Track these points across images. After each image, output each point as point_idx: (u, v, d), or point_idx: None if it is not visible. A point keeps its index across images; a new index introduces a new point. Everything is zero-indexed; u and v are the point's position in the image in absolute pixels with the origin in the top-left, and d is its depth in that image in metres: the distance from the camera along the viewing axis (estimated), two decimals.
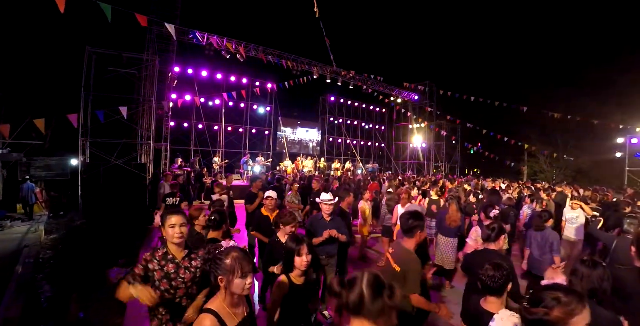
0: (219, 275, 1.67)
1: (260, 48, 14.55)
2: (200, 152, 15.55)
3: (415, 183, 10.79)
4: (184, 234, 2.30)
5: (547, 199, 7.87)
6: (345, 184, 9.94)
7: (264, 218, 4.64)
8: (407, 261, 2.59)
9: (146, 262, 2.19)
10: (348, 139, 23.88)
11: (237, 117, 18.85)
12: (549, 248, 4.37)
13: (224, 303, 1.70)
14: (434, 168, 25.00)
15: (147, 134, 11.15)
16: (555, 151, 24.64)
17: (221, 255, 1.70)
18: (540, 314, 1.33)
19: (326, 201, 4.21)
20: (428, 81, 23.47)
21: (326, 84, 18.37)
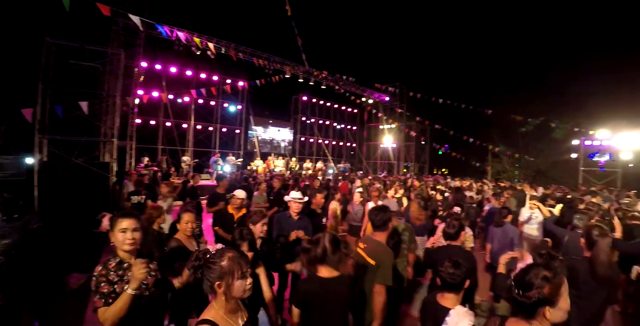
0: (215, 281, 1.53)
1: (232, 45, 14.23)
2: (168, 152, 15.03)
3: (385, 182, 10.98)
4: (136, 240, 2.07)
5: (507, 197, 8.23)
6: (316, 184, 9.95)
7: (229, 216, 4.57)
8: (381, 254, 2.64)
9: (105, 277, 1.94)
10: (320, 139, 23.89)
11: (207, 116, 18.35)
12: (509, 242, 4.60)
13: (222, 311, 1.56)
14: (404, 167, 25.50)
15: (111, 131, 10.60)
16: (517, 151, 25.88)
17: (214, 259, 1.57)
18: (537, 296, 1.41)
19: (296, 199, 4.11)
20: (399, 83, 23.92)
21: (299, 83, 18.30)
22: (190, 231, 3.22)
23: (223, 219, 4.61)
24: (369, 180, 11.88)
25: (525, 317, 1.45)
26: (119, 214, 2.12)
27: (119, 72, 10.10)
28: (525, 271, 1.49)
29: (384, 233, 2.81)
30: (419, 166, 26.83)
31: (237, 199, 4.65)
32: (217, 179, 6.92)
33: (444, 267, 2.10)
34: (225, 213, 4.63)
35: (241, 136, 19.86)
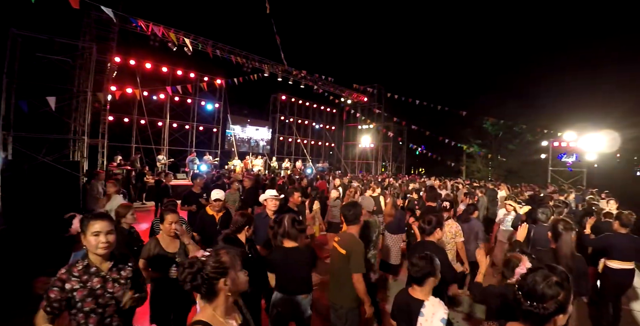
0: (220, 278, 1.46)
1: (210, 42, 13.95)
2: (142, 150, 14.55)
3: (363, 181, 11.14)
4: (110, 243, 1.95)
5: (480, 195, 8.49)
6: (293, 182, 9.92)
7: (209, 217, 4.28)
8: (351, 244, 2.87)
9: (62, 282, 1.82)
10: (299, 138, 23.82)
11: (184, 114, 17.88)
12: (474, 236, 4.91)
13: (217, 312, 1.49)
14: (382, 167, 25.80)
15: (82, 129, 10.17)
16: (490, 152, 26.68)
17: (211, 258, 1.49)
18: (555, 305, 1.32)
19: (273, 196, 4.05)
20: (377, 84, 24.15)
21: (277, 83, 18.16)
22: (174, 232, 3.09)
23: (203, 221, 4.33)
24: (347, 179, 11.97)
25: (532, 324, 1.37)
26: (91, 216, 1.98)
27: (90, 67, 9.71)
28: (533, 279, 1.38)
29: (356, 226, 3.03)
30: (397, 165, 27.22)
31: (216, 201, 4.38)
32: (192, 178, 6.71)
33: (412, 259, 2.19)
34: (205, 215, 4.37)
35: (218, 135, 19.51)
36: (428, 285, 2.12)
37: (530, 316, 1.35)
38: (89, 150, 10.90)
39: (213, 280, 1.45)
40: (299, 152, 24.33)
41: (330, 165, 24.91)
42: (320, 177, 13.28)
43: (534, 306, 1.32)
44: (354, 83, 23.00)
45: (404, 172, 27.02)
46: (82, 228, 1.95)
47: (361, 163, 26.32)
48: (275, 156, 22.00)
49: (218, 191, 4.43)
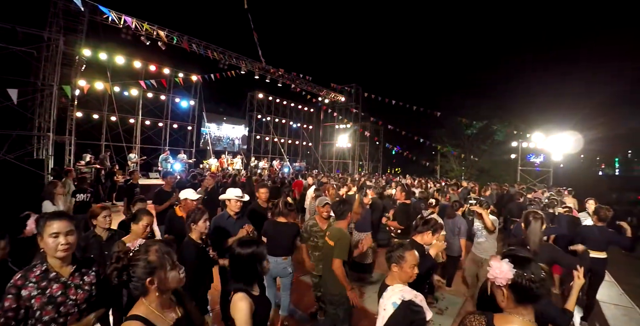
0: (146, 278, 1.40)
1: (185, 37, 13.53)
2: (112, 148, 13.93)
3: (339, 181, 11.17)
4: (71, 245, 1.79)
5: (453, 193, 8.73)
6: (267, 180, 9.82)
7: (177, 219, 4.05)
8: (339, 236, 3.17)
9: (17, 289, 1.64)
10: (276, 137, 23.60)
11: (157, 111, 17.26)
12: (457, 232, 5.12)
13: (152, 306, 1.43)
14: (359, 167, 25.98)
15: (47, 125, 9.63)
16: (463, 152, 27.40)
17: (139, 255, 1.43)
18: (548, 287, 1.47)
19: (237, 197, 3.89)
20: (355, 84, 24.29)
21: (254, 80, 17.88)
22: (145, 235, 2.95)
23: (172, 222, 4.06)
24: (326, 179, 11.95)
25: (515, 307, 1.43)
26: (48, 216, 1.81)
27: (56, 60, 9.19)
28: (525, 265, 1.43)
29: (343, 221, 3.37)
30: (373, 165, 27.49)
31: (189, 201, 4.12)
32: (162, 176, 6.41)
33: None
34: (174, 216, 4.09)
35: (193, 133, 19.00)
36: (392, 272, 2.26)
37: (536, 298, 1.42)
38: (54, 147, 10.33)
39: (139, 279, 1.41)
40: (276, 151, 24.11)
41: (307, 164, 24.87)
42: (296, 176, 13.21)
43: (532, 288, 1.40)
44: (332, 82, 23.08)
45: (381, 171, 27.35)
46: (39, 229, 1.79)
47: (338, 163, 26.40)
48: (252, 155, 21.70)
49: (188, 190, 4.22)
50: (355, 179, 12.96)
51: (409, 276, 2.21)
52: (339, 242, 3.13)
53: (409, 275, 2.21)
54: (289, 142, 25.72)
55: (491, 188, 11.48)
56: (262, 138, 24.11)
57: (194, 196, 4.20)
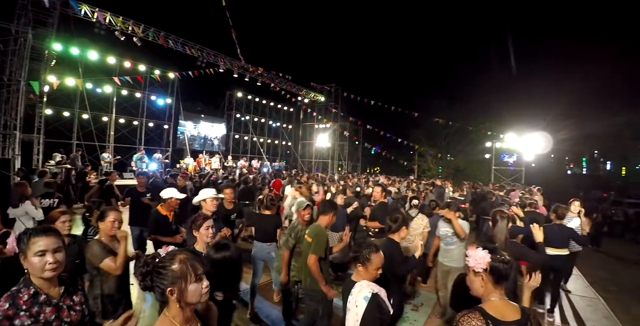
0: (167, 287, 1.33)
1: (162, 33, 13.17)
2: (84, 147, 13.39)
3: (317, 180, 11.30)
4: (60, 263, 1.61)
5: (427, 191, 8.92)
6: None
7: (162, 218, 4.06)
8: (316, 232, 3.26)
9: (9, 320, 1.46)
10: (255, 137, 23.36)
11: (132, 108, 16.69)
12: (434, 230, 5.01)
13: (176, 321, 1.34)
14: (338, 166, 26.09)
15: (14, 123, 9.15)
16: (440, 151, 28.01)
17: (165, 262, 1.35)
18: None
19: (212, 196, 3.84)
20: (334, 84, 24.38)
21: (233, 79, 17.63)
22: (115, 231, 2.80)
23: (157, 222, 4.04)
24: (306, 178, 11.97)
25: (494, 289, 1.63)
26: (32, 232, 1.61)
27: (25, 54, 8.74)
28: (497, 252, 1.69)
29: (325, 217, 3.44)
30: (353, 164, 27.68)
31: (174, 201, 4.15)
32: (136, 176, 6.23)
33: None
34: (158, 215, 4.08)
35: (170, 131, 18.51)
36: (357, 270, 2.32)
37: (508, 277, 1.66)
38: (21, 147, 9.84)
39: (160, 286, 1.34)
40: (255, 151, 23.85)
41: (286, 164, 24.77)
42: (275, 175, 13.13)
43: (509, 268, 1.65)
44: (312, 82, 23.06)
45: (360, 171, 27.57)
46: (22, 247, 1.60)
47: (318, 162, 26.42)
48: (231, 154, 21.38)
49: (172, 189, 4.21)
50: (334, 180, 13.03)
51: (373, 277, 2.28)
52: (316, 238, 3.22)
53: (372, 276, 2.28)
54: (268, 142, 25.53)
55: (466, 188, 11.80)
56: (241, 137, 23.82)
57: (180, 195, 4.17)
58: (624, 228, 14.21)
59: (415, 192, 8.78)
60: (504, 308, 1.59)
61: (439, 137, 27.71)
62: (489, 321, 1.53)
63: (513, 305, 1.61)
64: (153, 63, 15.35)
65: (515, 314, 1.57)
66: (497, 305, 1.59)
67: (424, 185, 12.66)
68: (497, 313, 1.56)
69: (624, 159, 30.65)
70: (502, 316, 1.55)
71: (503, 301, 1.61)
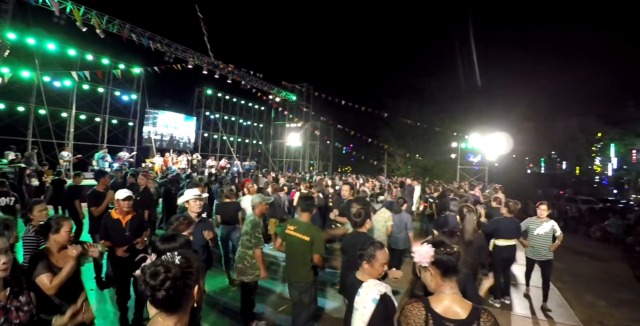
0: (192, 289, 1.23)
1: (128, 25, 12.59)
2: (40, 145, 12.57)
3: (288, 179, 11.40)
4: (8, 265, 1.56)
5: (396, 190, 9.16)
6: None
7: (114, 222, 3.67)
8: (313, 231, 3.39)
9: None
10: (225, 135, 22.91)
11: (94, 104, 15.83)
12: (404, 226, 5.48)
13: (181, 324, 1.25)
14: (310, 166, 26.09)
15: None
16: (408, 151, 28.71)
17: (185, 262, 1.23)
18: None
19: (195, 196, 3.71)
20: (306, 83, 24.37)
21: (203, 76, 17.22)
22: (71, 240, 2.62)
23: (106, 227, 3.66)
24: (272, 177, 11.95)
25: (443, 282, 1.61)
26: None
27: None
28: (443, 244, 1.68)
29: (308, 214, 3.58)
30: (324, 164, 27.77)
31: (123, 203, 3.69)
32: (95, 175, 5.81)
33: (363, 246, 2.40)
34: (109, 220, 3.70)
35: (135, 129, 17.74)
36: (363, 268, 2.33)
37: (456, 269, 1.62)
38: None
39: (187, 289, 1.21)
40: (225, 149, 23.36)
41: (257, 163, 24.48)
42: (244, 174, 13.01)
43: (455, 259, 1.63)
44: (283, 81, 22.92)
45: (331, 170, 27.73)
46: None
47: (289, 161, 26.29)
48: (199, 153, 20.81)
49: (122, 191, 3.78)
50: (304, 178, 13.05)
51: (379, 273, 2.32)
52: (317, 239, 3.36)
53: (378, 272, 2.31)
54: (238, 141, 25.11)
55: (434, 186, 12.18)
56: (211, 136, 23.27)
57: (122, 195, 3.70)
58: (577, 222, 15.15)
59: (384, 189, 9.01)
60: (451, 303, 1.55)
61: (408, 137, 28.42)
62: (429, 315, 1.53)
63: (464, 303, 1.56)
64: (118, 57, 14.68)
65: (462, 312, 1.52)
66: (443, 299, 1.57)
67: (392, 183, 13.04)
68: (441, 307, 1.54)
69: (578, 159, 32.76)
70: (444, 312, 1.53)
71: (453, 296, 1.57)
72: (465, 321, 1.49)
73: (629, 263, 9.04)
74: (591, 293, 6.25)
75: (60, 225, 2.57)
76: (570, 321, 4.64)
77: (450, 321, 1.50)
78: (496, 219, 5.21)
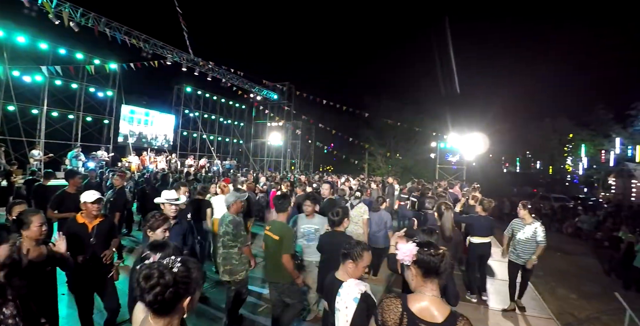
0: (185, 298, 1.20)
1: (103, 19, 12.19)
2: (9, 143, 12.04)
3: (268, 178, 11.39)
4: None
5: (376, 189, 9.31)
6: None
7: (79, 227, 3.31)
8: (283, 230, 3.40)
9: None
10: (205, 134, 22.55)
11: (67, 101, 15.16)
12: (384, 225, 5.57)
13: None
14: (291, 165, 26.01)
15: None
16: (389, 151, 29.04)
17: (184, 269, 1.20)
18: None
19: (171, 200, 3.62)
20: (288, 82, 24.28)
21: (182, 73, 16.90)
22: (44, 235, 2.56)
23: (69, 232, 3.21)
24: (252, 176, 11.91)
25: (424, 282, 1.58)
26: None
27: None
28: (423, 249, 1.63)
29: (284, 214, 3.60)
30: (305, 163, 27.74)
31: (91, 206, 3.36)
32: (66, 175, 5.30)
33: (347, 245, 2.39)
34: (73, 224, 3.34)
35: (111, 127, 17.20)
36: (346, 267, 2.30)
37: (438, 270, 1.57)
38: None
39: (179, 297, 1.18)
40: (204, 148, 22.99)
41: (238, 163, 24.20)
42: (223, 173, 12.88)
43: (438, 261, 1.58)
44: (264, 79, 22.75)
45: (312, 169, 27.72)
46: None
47: (270, 161, 26.13)
48: (178, 152, 20.40)
49: (89, 193, 3.44)
50: (285, 178, 13.05)
51: (360, 274, 2.32)
52: (285, 238, 3.34)
53: (360, 273, 2.32)
54: (218, 140, 24.77)
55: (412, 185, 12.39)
56: (190, 134, 22.83)
57: (91, 197, 3.36)
58: (550, 219, 15.70)
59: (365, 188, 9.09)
60: (430, 304, 1.52)
61: (389, 137, 28.72)
62: (404, 313, 1.52)
63: (442, 307, 1.52)
64: (93, 52, 14.20)
65: (438, 316, 1.49)
66: (422, 300, 1.54)
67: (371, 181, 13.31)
68: (418, 307, 1.52)
69: (551, 159, 33.97)
70: (420, 313, 1.50)
71: (432, 298, 1.54)
72: (441, 325, 1.46)
73: (598, 258, 9.45)
74: (563, 287, 6.51)
75: (29, 220, 2.49)
76: (544, 314, 4.79)
77: (424, 323, 1.48)
78: (471, 217, 5.36)
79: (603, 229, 11.46)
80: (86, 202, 3.35)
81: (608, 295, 5.90)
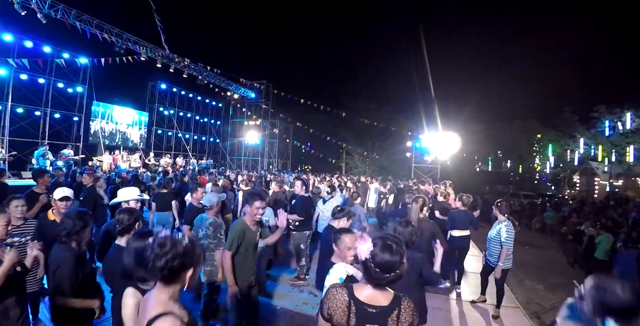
0: (190, 267, 1.39)
1: (73, 11, 11.74)
2: None
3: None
4: None
5: (353, 187, 9.53)
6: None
7: (49, 224, 3.32)
8: (232, 227, 3.23)
9: None
10: (180, 132, 22.11)
11: (33, 96, 14.50)
12: (357, 219, 5.58)
13: (175, 302, 1.40)
14: (268, 164, 25.88)
15: None
16: (366, 150, 29.39)
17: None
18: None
19: (135, 197, 3.56)
20: (265, 81, 24.14)
21: (157, 69, 16.46)
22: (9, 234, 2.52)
23: (40, 228, 3.28)
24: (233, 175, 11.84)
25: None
26: None
27: None
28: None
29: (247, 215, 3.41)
30: (283, 162, 27.66)
31: (60, 203, 3.37)
32: (34, 174, 5.09)
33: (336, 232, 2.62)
34: (45, 221, 3.37)
35: (81, 124, 16.55)
36: (335, 249, 2.52)
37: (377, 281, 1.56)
38: None
39: (184, 267, 1.37)
40: (180, 147, 22.52)
41: (214, 162, 23.89)
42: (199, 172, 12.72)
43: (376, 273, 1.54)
44: (242, 77, 22.51)
45: (290, 168, 27.68)
46: None
47: (247, 160, 25.91)
48: (152, 151, 19.88)
49: (61, 189, 3.45)
50: (263, 176, 13.01)
51: (345, 256, 2.43)
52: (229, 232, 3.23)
53: (344, 255, 2.43)
54: (194, 138, 24.34)
55: (390, 183, 12.65)
56: (165, 133, 22.31)
57: (59, 194, 3.39)
58: (519, 215, 16.34)
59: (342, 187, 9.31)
60: (374, 292, 1.58)
61: (366, 136, 29.07)
62: (351, 301, 1.57)
63: (386, 292, 1.60)
64: (62, 45, 13.64)
65: (383, 300, 1.57)
66: (367, 289, 1.59)
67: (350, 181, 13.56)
68: (364, 295, 1.58)
69: (520, 158, 35.38)
70: (367, 299, 1.57)
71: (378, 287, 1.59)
72: (387, 307, 1.55)
73: (563, 251, 9.93)
74: (530, 278, 6.82)
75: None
76: (512, 304, 5.04)
77: (372, 307, 1.55)
78: (452, 213, 5.61)
79: (568, 224, 12.01)
80: (55, 199, 3.42)
81: (572, 285, 6.21)
